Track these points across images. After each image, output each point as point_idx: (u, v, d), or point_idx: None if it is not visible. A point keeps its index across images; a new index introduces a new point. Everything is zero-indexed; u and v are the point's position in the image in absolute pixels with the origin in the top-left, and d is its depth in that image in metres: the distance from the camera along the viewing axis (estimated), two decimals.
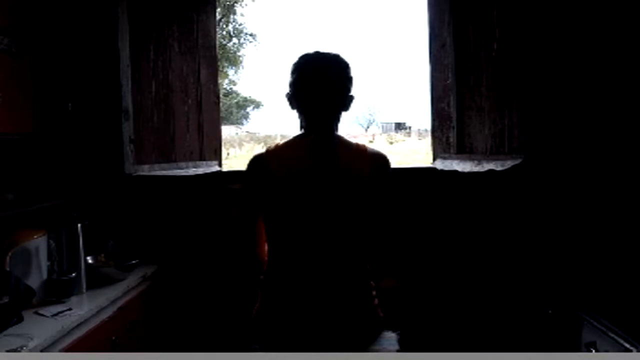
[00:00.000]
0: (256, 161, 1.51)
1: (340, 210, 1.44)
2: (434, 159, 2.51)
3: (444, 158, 2.45)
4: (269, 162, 1.48)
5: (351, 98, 1.53)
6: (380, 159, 1.52)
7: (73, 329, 1.63)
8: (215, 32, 2.66)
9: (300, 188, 1.44)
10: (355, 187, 1.44)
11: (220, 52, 11.99)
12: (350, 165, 1.45)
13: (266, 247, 1.56)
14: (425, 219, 2.32)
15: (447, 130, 2.46)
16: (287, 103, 1.56)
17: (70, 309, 1.72)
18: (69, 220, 1.97)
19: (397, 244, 2.05)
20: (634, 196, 2.09)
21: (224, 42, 13.68)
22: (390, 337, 1.52)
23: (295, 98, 1.52)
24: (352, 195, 1.44)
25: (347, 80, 1.51)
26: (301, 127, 1.54)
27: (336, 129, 1.54)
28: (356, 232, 1.47)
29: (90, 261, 2.06)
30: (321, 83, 1.47)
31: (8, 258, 1.69)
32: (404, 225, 2.26)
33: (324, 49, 1.53)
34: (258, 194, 1.49)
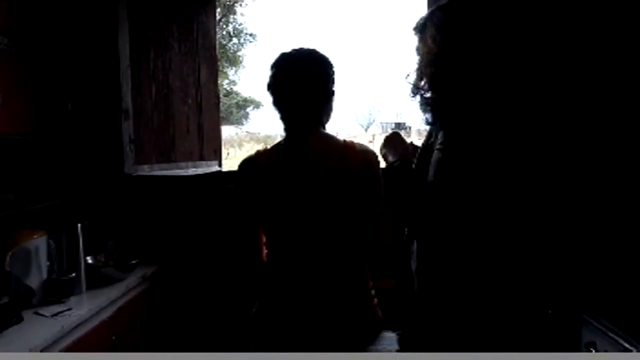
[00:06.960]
0: (243, 165, 1.51)
1: (328, 209, 1.43)
2: None
3: None
4: (255, 164, 1.47)
5: (331, 92, 1.49)
6: (369, 155, 1.49)
7: (73, 329, 1.64)
8: (215, 32, 2.66)
9: (284, 189, 1.43)
10: (342, 185, 1.42)
11: (220, 52, 11.98)
12: (335, 162, 1.43)
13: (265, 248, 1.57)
14: None
15: None
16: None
17: (70, 309, 1.72)
18: (69, 220, 1.97)
19: (397, 244, 2.04)
20: (633, 196, 2.09)
21: (224, 42, 13.64)
22: (390, 337, 1.52)
23: (272, 97, 1.48)
24: (339, 192, 1.43)
25: (322, 74, 1.47)
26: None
27: (322, 126, 1.50)
28: (348, 230, 1.46)
29: (90, 261, 2.06)
30: (293, 77, 1.44)
31: (8, 258, 1.69)
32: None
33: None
34: (249, 196, 1.49)
